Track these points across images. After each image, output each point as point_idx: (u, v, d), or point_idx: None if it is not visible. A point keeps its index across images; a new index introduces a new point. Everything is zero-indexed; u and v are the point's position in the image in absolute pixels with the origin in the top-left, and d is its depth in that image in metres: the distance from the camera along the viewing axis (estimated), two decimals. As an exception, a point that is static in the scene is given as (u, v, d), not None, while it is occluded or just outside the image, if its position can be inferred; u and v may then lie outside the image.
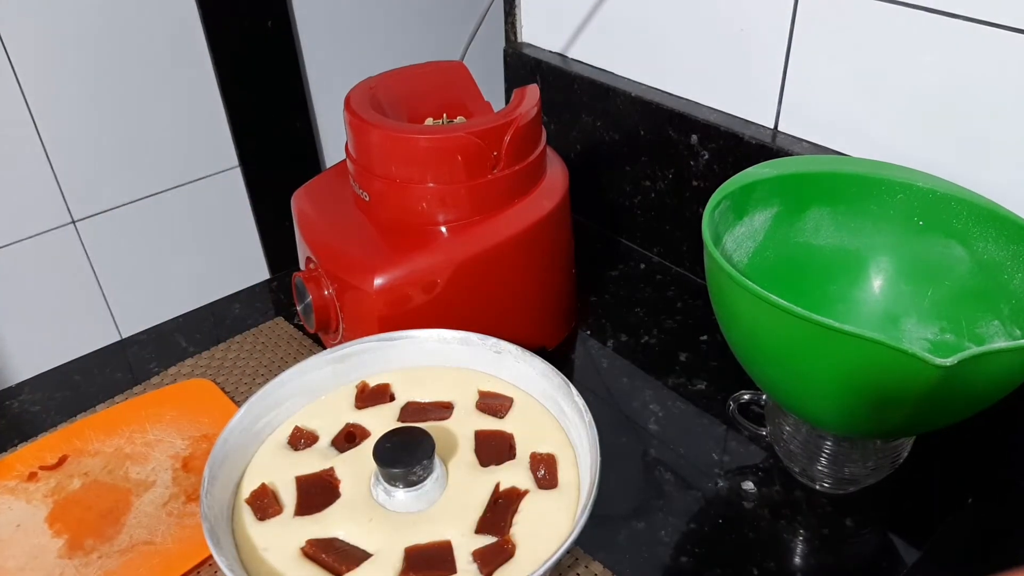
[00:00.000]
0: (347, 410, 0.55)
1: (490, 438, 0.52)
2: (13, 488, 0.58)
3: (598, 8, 0.80)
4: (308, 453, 0.52)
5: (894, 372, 0.42)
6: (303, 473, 0.50)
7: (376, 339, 0.57)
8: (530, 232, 0.63)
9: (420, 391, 0.56)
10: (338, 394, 0.56)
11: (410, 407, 0.55)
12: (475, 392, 0.56)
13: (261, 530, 0.47)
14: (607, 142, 0.82)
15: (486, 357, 0.57)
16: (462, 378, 0.57)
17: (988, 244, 0.54)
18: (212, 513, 0.46)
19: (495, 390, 0.56)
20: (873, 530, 0.55)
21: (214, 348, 0.71)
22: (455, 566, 0.45)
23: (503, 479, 0.50)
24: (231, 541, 0.46)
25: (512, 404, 0.55)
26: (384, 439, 0.48)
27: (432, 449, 0.47)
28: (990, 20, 0.54)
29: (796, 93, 0.67)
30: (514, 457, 0.51)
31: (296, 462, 0.51)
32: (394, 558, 0.45)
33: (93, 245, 0.81)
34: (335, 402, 0.56)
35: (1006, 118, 0.56)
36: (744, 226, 0.58)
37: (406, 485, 0.47)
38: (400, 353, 0.58)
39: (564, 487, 0.50)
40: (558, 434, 0.53)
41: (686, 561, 0.53)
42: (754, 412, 0.63)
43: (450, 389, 0.56)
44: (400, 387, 0.57)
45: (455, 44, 0.74)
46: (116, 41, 0.76)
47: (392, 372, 0.58)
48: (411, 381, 0.57)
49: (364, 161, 0.62)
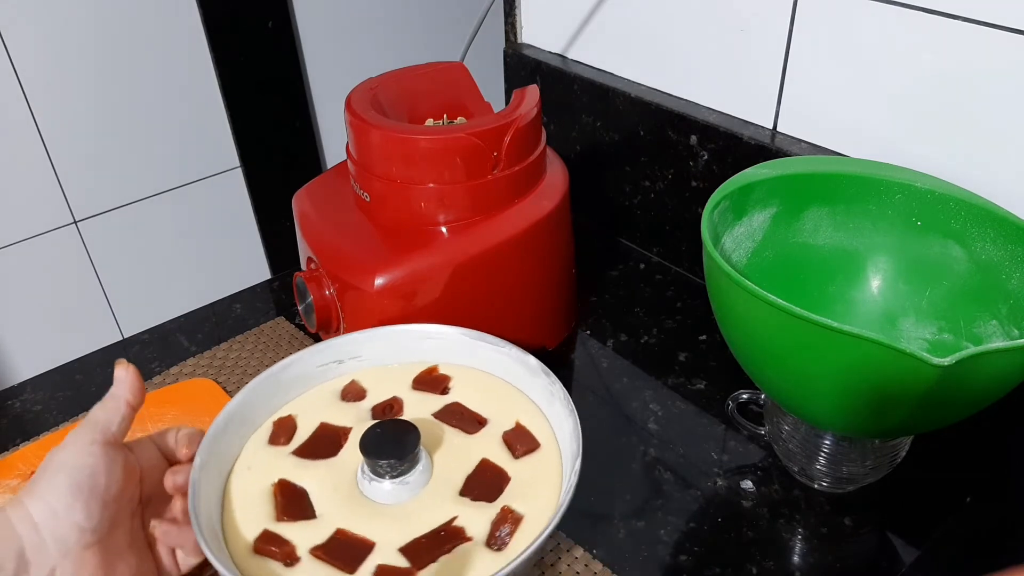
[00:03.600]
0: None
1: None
2: (14, 487, 0.58)
3: (598, 9, 0.80)
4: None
5: (892, 372, 0.42)
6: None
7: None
8: (530, 232, 0.63)
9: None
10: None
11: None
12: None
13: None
14: (607, 142, 0.82)
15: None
16: None
17: (986, 244, 0.55)
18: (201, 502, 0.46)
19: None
20: (871, 529, 0.55)
21: (216, 348, 0.72)
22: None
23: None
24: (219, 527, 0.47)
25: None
26: (370, 431, 0.48)
27: (418, 440, 0.48)
28: (988, 21, 0.54)
29: (795, 94, 0.67)
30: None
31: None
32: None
33: (95, 245, 0.82)
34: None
35: (1004, 118, 0.56)
36: (743, 226, 0.59)
37: (393, 476, 0.47)
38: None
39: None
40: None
41: (685, 560, 0.53)
42: (753, 411, 0.63)
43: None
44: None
45: (455, 45, 0.74)
46: (117, 42, 0.76)
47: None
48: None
49: (365, 161, 0.62)
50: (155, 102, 0.81)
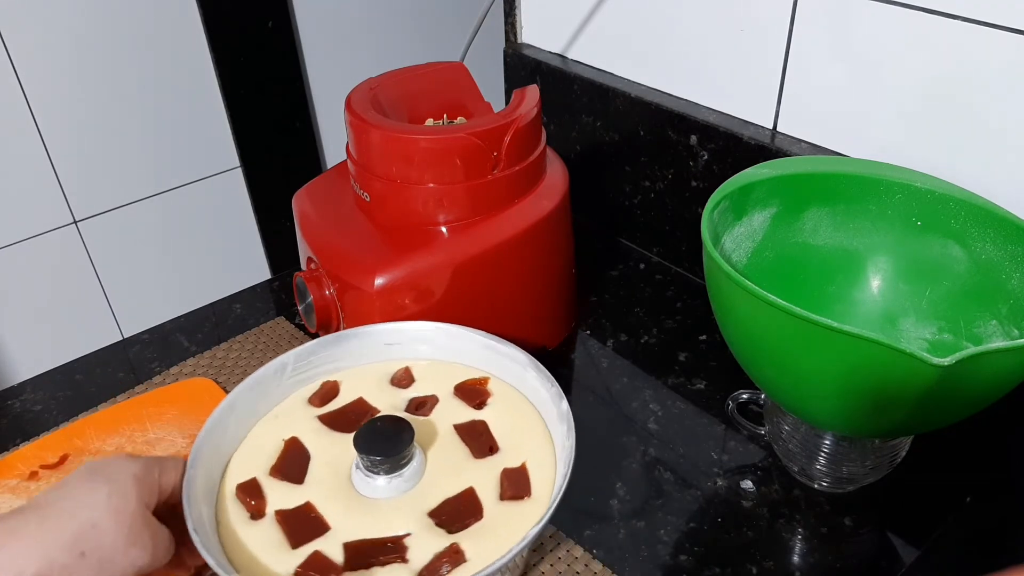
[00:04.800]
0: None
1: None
2: (14, 487, 0.58)
3: (598, 9, 0.80)
4: None
5: (892, 372, 0.42)
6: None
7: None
8: (530, 232, 0.63)
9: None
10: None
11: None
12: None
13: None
14: (607, 142, 0.82)
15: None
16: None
17: (986, 244, 0.55)
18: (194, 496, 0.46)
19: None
20: (871, 529, 0.55)
21: (216, 348, 0.72)
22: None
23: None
24: (213, 524, 0.47)
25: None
26: (364, 428, 0.49)
27: (411, 438, 0.48)
28: (988, 20, 0.54)
29: (795, 94, 0.67)
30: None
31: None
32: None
33: (95, 245, 0.82)
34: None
35: (1004, 118, 0.56)
36: (743, 226, 0.59)
37: (387, 472, 0.48)
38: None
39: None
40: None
41: (685, 560, 0.53)
42: (753, 411, 0.63)
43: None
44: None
45: (455, 45, 0.74)
46: (117, 42, 0.76)
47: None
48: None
49: (365, 161, 0.62)
50: (155, 102, 0.81)
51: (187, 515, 0.44)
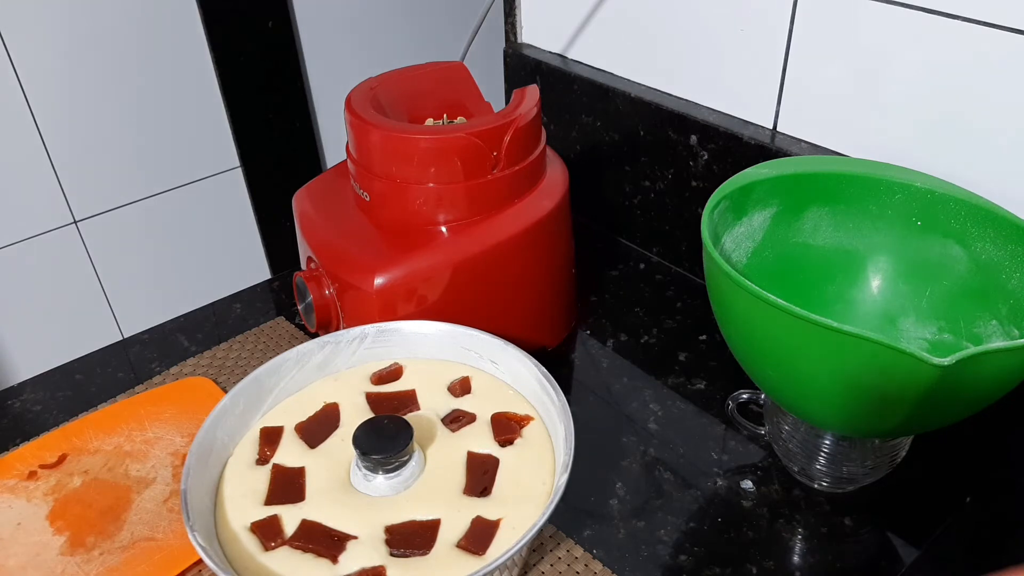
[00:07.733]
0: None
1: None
2: (13, 487, 0.58)
3: (598, 8, 0.80)
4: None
5: (892, 372, 0.42)
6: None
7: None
8: (530, 232, 0.63)
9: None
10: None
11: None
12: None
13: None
14: (607, 142, 0.82)
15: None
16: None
17: (986, 244, 0.55)
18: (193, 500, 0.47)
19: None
20: (871, 529, 0.55)
21: (215, 348, 0.72)
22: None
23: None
24: (212, 525, 0.48)
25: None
26: (363, 427, 0.49)
27: (411, 436, 0.48)
28: (988, 20, 0.54)
29: (795, 94, 0.67)
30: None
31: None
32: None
33: (95, 245, 0.82)
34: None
35: (1004, 118, 0.56)
36: (743, 226, 0.59)
37: (386, 471, 0.48)
38: None
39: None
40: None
41: (685, 560, 0.53)
42: (753, 411, 0.63)
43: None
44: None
45: (455, 44, 0.75)
46: (117, 42, 0.76)
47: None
48: None
49: (365, 161, 0.62)
50: (155, 102, 0.81)
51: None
